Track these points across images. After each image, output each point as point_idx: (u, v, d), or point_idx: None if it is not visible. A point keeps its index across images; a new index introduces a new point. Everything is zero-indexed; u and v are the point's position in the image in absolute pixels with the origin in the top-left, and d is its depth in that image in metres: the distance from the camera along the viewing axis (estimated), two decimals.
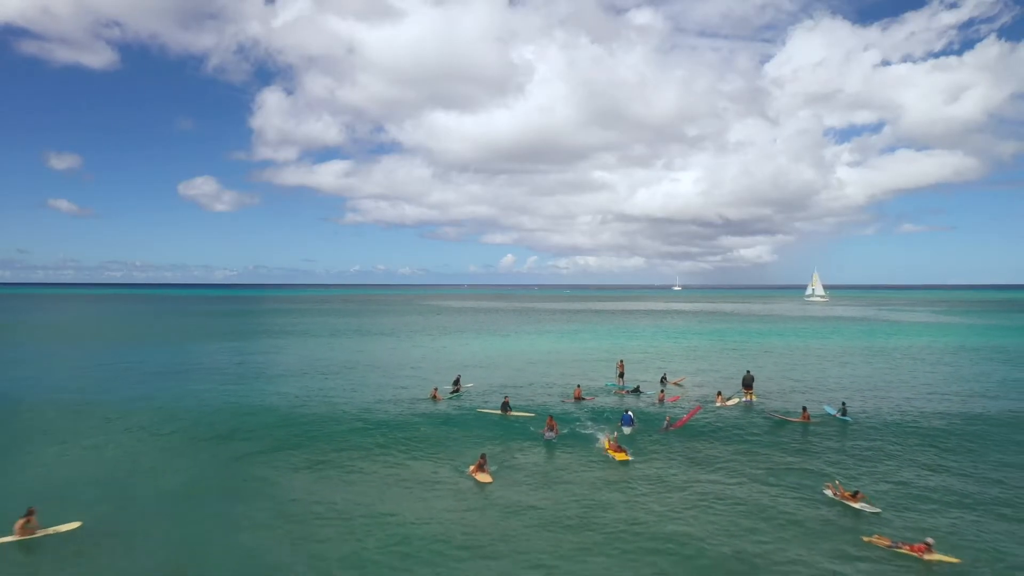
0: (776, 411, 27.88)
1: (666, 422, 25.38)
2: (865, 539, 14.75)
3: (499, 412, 27.35)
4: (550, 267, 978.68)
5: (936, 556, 13.80)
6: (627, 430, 24.31)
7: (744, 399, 30.54)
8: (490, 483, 18.41)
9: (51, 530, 14.53)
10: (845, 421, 26.01)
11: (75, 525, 14.87)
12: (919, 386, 35.51)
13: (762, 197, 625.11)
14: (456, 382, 33.84)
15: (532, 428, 24.65)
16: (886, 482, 18.66)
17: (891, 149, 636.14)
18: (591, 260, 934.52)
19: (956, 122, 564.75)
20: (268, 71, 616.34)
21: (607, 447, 21.70)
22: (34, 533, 14.30)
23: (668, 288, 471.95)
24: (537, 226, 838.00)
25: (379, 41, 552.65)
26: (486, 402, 29.82)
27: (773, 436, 24.09)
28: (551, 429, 23.48)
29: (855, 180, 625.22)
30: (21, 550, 13.86)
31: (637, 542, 14.57)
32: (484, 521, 15.82)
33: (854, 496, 17.00)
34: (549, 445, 22.63)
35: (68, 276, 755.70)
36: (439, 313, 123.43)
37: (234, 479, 18.83)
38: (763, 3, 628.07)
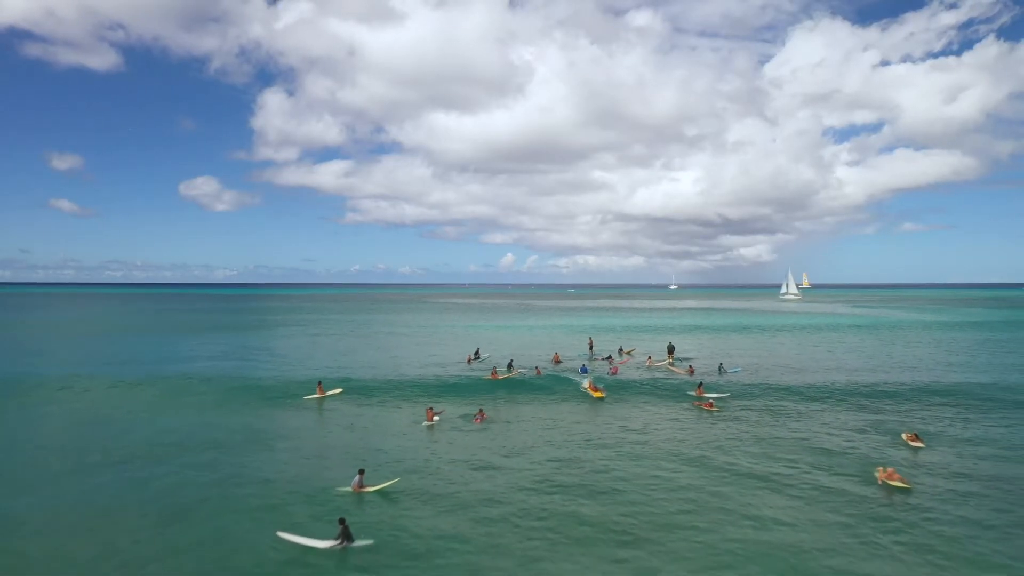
0: (677, 368, 45.52)
1: (611, 370, 43.20)
2: (695, 404, 32.84)
3: (507, 369, 44.67)
4: (550, 266, 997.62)
5: (715, 408, 31.60)
6: (584, 374, 41.79)
7: (667, 361, 48.06)
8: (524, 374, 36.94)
9: (331, 392, 33.44)
10: (720, 375, 43.36)
11: (340, 390, 33.59)
12: (793, 358, 53.13)
13: (761, 197, 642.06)
14: (476, 352, 51.30)
15: (527, 373, 42.24)
16: (722, 390, 36.12)
17: (890, 149, 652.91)
18: (591, 259, 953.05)
19: (954, 122, 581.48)
20: (269, 73, 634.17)
21: (589, 388, 37.35)
22: (325, 393, 32.93)
23: (665, 287, 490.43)
24: (537, 226, 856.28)
25: (380, 43, 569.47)
26: (497, 364, 47.15)
27: (673, 382, 41.45)
28: (537, 373, 41.10)
29: (854, 179, 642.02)
30: (320, 401, 32.36)
31: (599, 432, 32.24)
32: (504, 405, 33.48)
33: (700, 387, 35.02)
34: (539, 380, 40.13)
35: (68, 276, 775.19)
36: (449, 309, 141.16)
37: (352, 404, 36.39)
38: (763, 3, 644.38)
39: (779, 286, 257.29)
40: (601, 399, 34.92)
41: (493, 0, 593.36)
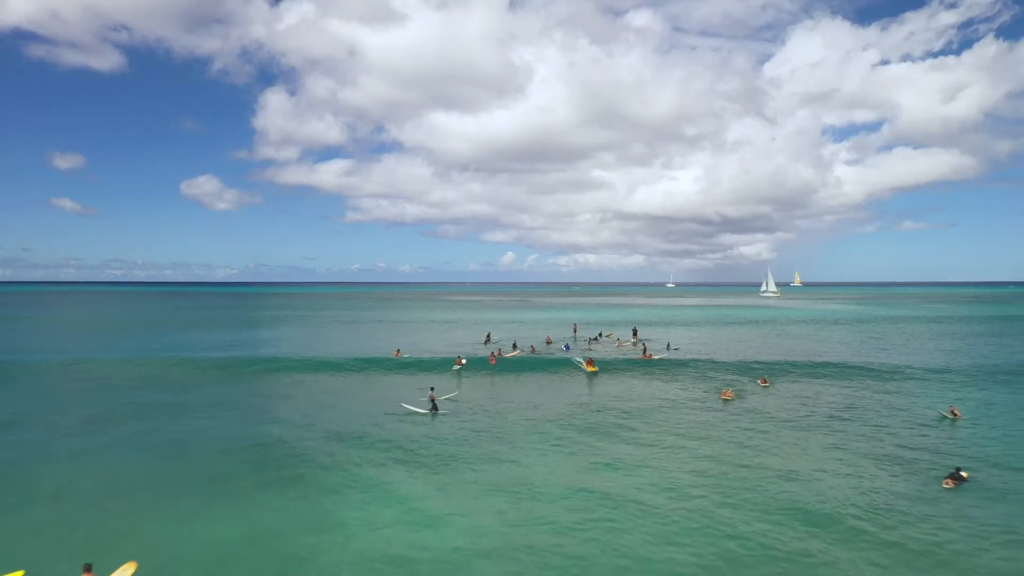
0: (634, 345, 62.81)
1: (587, 348, 60.67)
2: (640, 355, 50.44)
3: (512, 348, 61.72)
4: (550, 265, 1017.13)
5: (655, 357, 49.06)
6: (567, 351, 58.91)
7: (631, 341, 65.37)
8: (521, 353, 53.75)
9: (405, 356, 50.88)
10: (668, 351, 60.44)
11: (409, 355, 51.21)
12: (728, 340, 70.45)
13: (761, 195, 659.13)
14: (488, 336, 68.60)
15: (525, 352, 59.48)
16: (661, 354, 53.35)
17: (889, 148, 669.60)
18: (591, 258, 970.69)
19: (954, 121, 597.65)
20: (271, 73, 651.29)
21: (585, 364, 53.92)
22: (402, 355, 50.67)
23: (663, 285, 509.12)
24: (537, 224, 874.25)
25: (381, 44, 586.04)
26: (502, 347, 64.32)
27: (632, 355, 58.66)
28: (532, 351, 58.58)
29: (854, 178, 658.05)
30: (398, 363, 49.63)
31: (575, 376, 49.65)
32: (510, 363, 50.85)
33: (645, 351, 52.34)
34: (534, 356, 57.26)
35: (69, 274, 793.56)
36: (456, 306, 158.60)
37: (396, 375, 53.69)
38: (763, 3, 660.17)
39: (779, 284, 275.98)
40: (595, 373, 45.54)
41: (493, 1, 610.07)
